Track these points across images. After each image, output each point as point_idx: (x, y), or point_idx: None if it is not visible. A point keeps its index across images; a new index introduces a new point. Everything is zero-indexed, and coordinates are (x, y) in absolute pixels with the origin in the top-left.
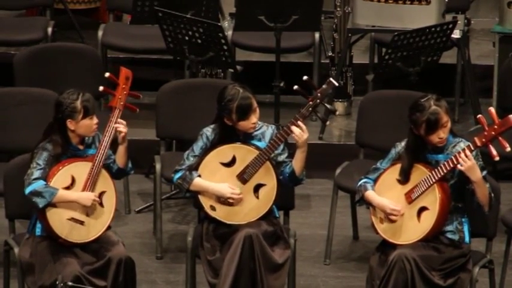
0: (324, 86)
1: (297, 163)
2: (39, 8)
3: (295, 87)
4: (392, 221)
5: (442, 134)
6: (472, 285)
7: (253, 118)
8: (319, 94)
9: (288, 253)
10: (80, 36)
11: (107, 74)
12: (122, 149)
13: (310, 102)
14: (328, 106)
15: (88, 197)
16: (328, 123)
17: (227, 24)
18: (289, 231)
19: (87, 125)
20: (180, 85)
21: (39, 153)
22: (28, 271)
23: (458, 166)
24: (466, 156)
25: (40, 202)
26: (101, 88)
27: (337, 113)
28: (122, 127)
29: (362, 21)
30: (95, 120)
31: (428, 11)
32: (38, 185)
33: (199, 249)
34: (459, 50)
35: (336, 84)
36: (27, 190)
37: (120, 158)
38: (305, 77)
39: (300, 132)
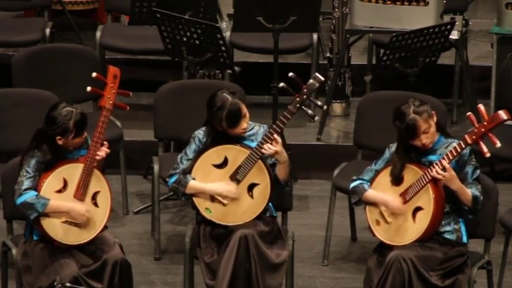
0: (310, 82)
1: (280, 172)
2: (37, 9)
3: (282, 84)
4: (388, 223)
5: (425, 139)
6: (470, 286)
7: (244, 124)
8: (305, 90)
9: (285, 253)
10: (78, 37)
11: (94, 74)
12: None
13: (297, 99)
14: (316, 102)
15: (79, 212)
16: (316, 118)
17: (225, 25)
18: (287, 232)
19: (77, 142)
20: (178, 86)
21: (28, 161)
22: (26, 272)
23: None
24: (444, 168)
25: (31, 214)
26: (89, 88)
27: (325, 107)
28: (103, 153)
29: (360, 22)
30: (85, 134)
31: (426, 12)
32: (29, 196)
33: (197, 250)
34: (457, 51)
35: (322, 79)
36: (18, 201)
37: None
38: (291, 74)
39: (274, 150)
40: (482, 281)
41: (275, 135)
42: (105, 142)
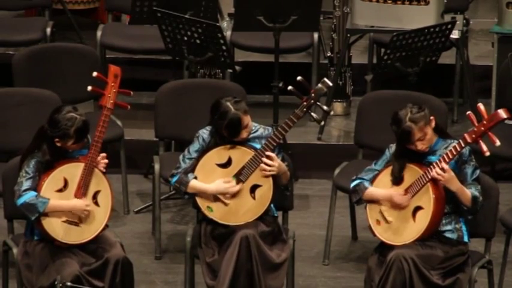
0: (318, 86)
1: (279, 180)
2: (37, 9)
3: (290, 87)
4: (388, 222)
5: (420, 145)
6: (470, 285)
7: (244, 134)
8: (313, 94)
9: (286, 253)
10: (78, 36)
11: (95, 73)
12: None
13: (305, 103)
14: (322, 107)
15: (80, 208)
16: (323, 123)
17: (226, 25)
18: (288, 231)
19: (75, 147)
20: (179, 85)
21: (28, 161)
22: (26, 272)
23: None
24: (442, 168)
25: (32, 215)
26: (90, 88)
27: (332, 113)
28: (103, 164)
29: (361, 22)
30: (84, 140)
31: (427, 12)
32: (29, 196)
33: (198, 249)
34: (458, 50)
35: (331, 84)
36: (18, 202)
37: None
38: (299, 78)
39: (272, 164)
40: (483, 280)
41: (267, 152)
42: (103, 154)
